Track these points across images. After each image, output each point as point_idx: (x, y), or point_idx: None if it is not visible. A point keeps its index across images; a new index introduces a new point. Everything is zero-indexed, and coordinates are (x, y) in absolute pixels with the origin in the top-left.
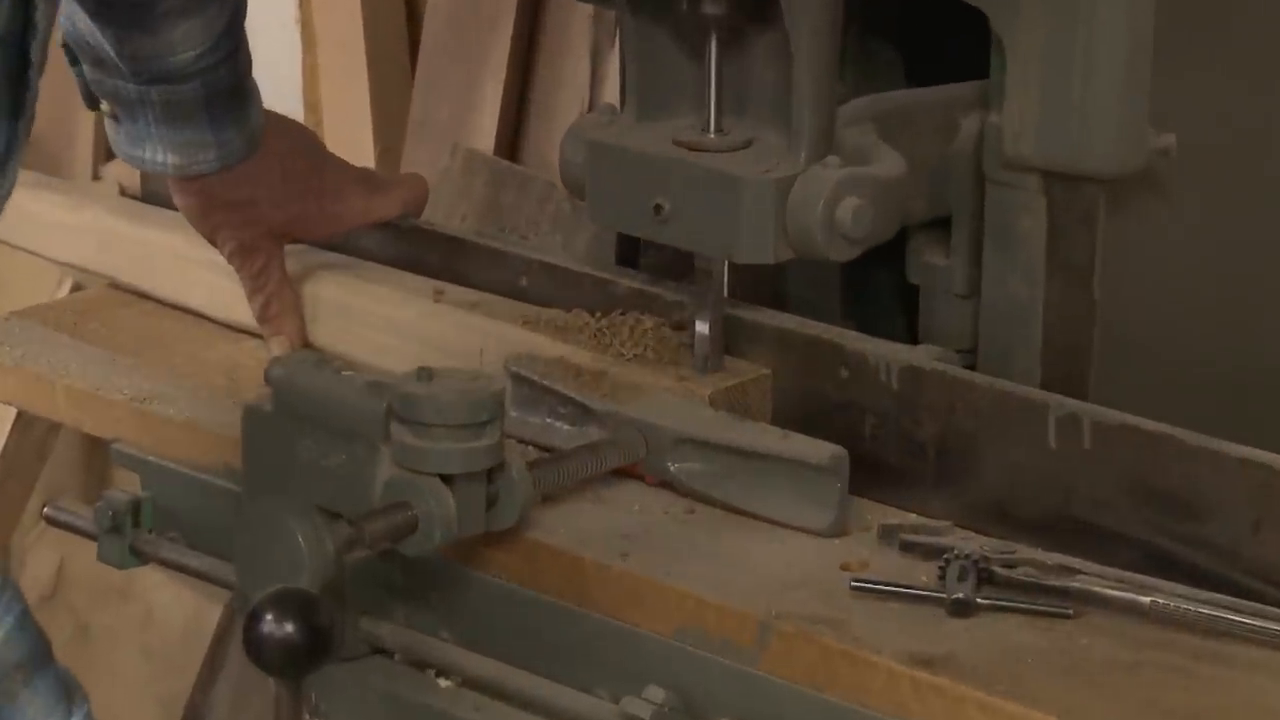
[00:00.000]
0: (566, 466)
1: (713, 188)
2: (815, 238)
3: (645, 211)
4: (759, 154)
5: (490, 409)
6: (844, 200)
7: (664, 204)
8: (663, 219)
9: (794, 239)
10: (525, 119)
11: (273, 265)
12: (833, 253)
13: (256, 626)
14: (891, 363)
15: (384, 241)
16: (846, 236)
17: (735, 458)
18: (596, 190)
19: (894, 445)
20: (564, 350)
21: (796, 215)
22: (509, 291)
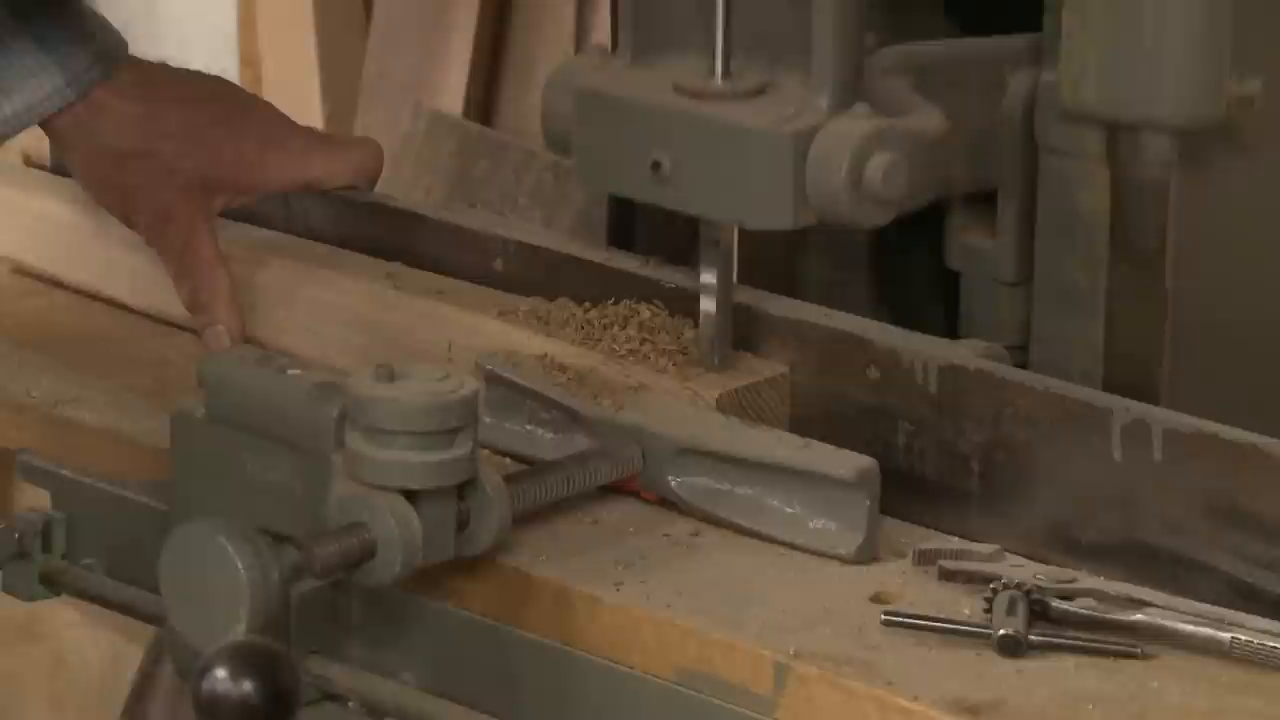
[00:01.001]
0: (550, 481)
1: (720, 142)
2: (840, 199)
3: (642, 170)
4: (774, 102)
5: (460, 414)
6: (874, 156)
7: (663, 161)
8: (662, 179)
9: (816, 201)
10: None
11: (199, 241)
12: (860, 217)
13: (209, 684)
14: (929, 361)
15: (333, 218)
16: (876, 198)
17: (747, 471)
18: (585, 146)
19: (932, 457)
20: (547, 345)
21: (818, 173)
22: (481, 276)
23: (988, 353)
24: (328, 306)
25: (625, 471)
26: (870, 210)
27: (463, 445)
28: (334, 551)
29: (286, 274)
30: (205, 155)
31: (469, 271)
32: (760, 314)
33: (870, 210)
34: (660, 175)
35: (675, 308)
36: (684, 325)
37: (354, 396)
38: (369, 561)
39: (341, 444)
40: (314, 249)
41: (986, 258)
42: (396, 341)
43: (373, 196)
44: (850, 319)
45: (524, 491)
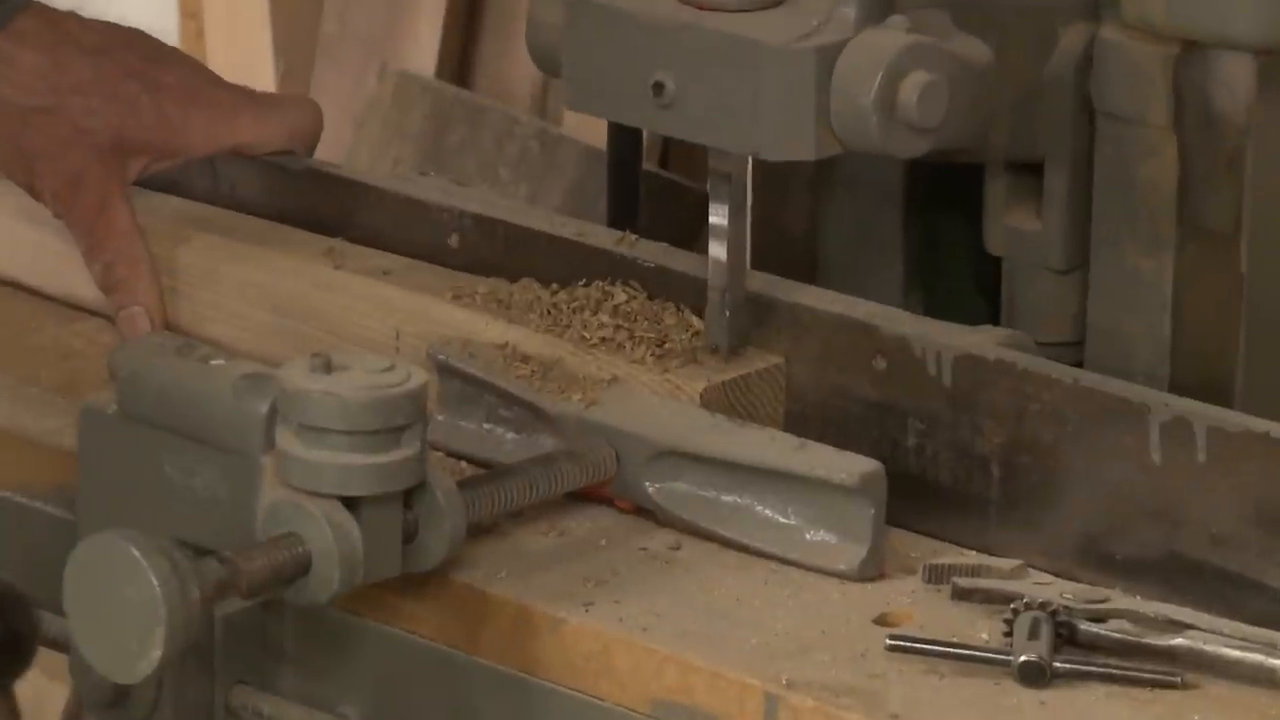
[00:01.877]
0: (511, 487)
1: (731, 59)
2: (869, 124)
3: (641, 93)
4: (793, 13)
5: (408, 410)
6: (911, 74)
7: (666, 82)
8: (665, 102)
9: (841, 127)
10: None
11: (113, 211)
12: (893, 145)
13: None
14: (943, 350)
15: (266, 187)
16: (911, 124)
17: (736, 476)
18: (575, 63)
19: (946, 460)
20: (507, 332)
21: (845, 93)
22: (434, 254)
23: (1009, 341)
24: (258, 288)
25: (596, 476)
26: (904, 138)
27: (410, 446)
28: (263, 566)
29: (212, 251)
30: (120, 113)
31: (420, 248)
32: (751, 297)
33: (904, 138)
34: (662, 98)
35: (655, 290)
36: (664, 310)
37: (286, 390)
38: (303, 578)
39: (272, 444)
40: (243, 222)
41: (1032, 241)
42: (336, 328)
43: (311, 163)
44: (854, 303)
45: (480, 499)
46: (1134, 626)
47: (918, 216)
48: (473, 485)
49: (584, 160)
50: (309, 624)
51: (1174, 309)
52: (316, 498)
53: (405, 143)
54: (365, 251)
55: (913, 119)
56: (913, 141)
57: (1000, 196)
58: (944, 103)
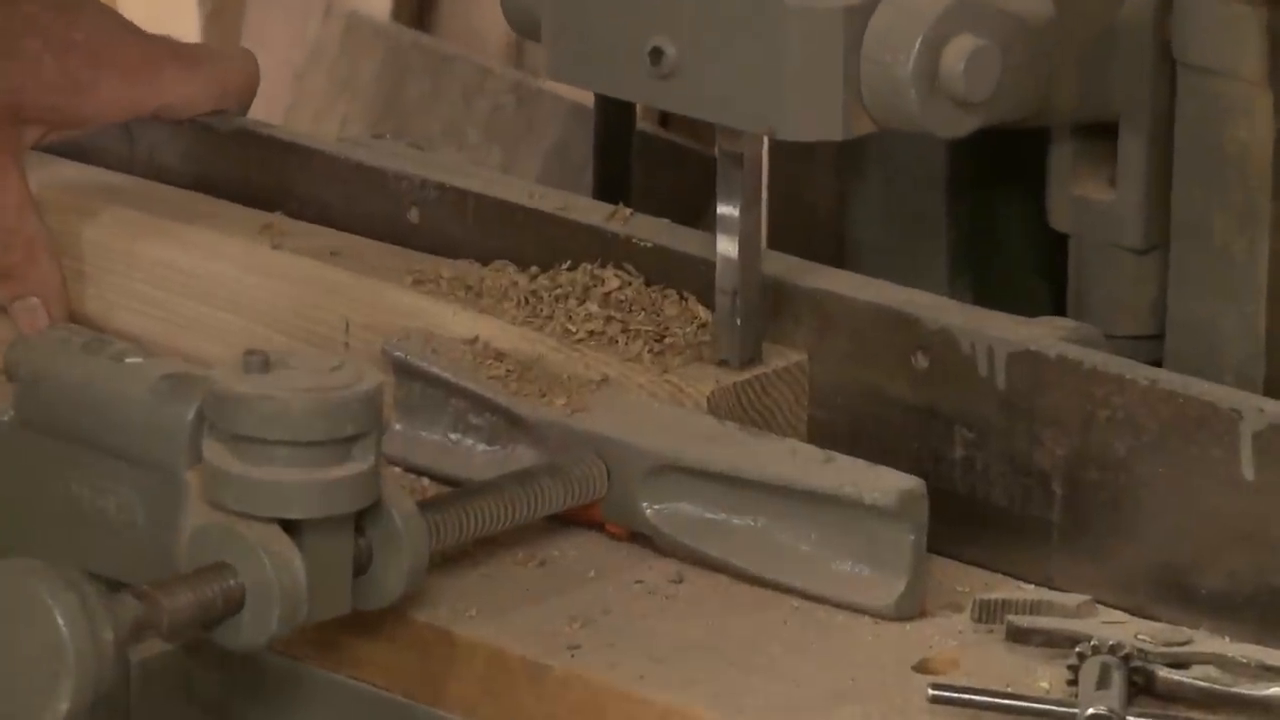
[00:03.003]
0: (481, 509)
1: (744, 20)
2: (907, 98)
3: (637, 60)
4: None
5: (360, 418)
6: (955, 39)
7: (665, 47)
8: (664, 72)
9: (874, 101)
10: None
11: (5, 184)
12: (934, 122)
13: None
14: (995, 345)
15: (191, 153)
16: (957, 97)
17: (749, 495)
18: (557, 26)
19: (1000, 476)
20: (478, 324)
21: (879, 62)
22: (391, 231)
23: (1075, 334)
24: (181, 272)
25: (584, 495)
26: (948, 114)
27: (362, 460)
28: (188, 603)
29: (124, 227)
30: (17, 74)
31: (374, 224)
32: (770, 282)
33: (948, 114)
34: (661, 67)
35: (653, 275)
36: (664, 298)
37: (215, 394)
38: (235, 616)
39: (198, 458)
40: (162, 194)
41: (1104, 215)
42: (274, 319)
43: (244, 123)
44: (889, 289)
45: (446, 522)
46: (1222, 673)
47: (966, 186)
48: (437, 507)
49: (568, 119)
50: (242, 671)
51: (1270, 296)
52: (251, 521)
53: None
54: (308, 228)
55: (958, 92)
56: (958, 118)
57: (1066, 163)
58: (995, 72)
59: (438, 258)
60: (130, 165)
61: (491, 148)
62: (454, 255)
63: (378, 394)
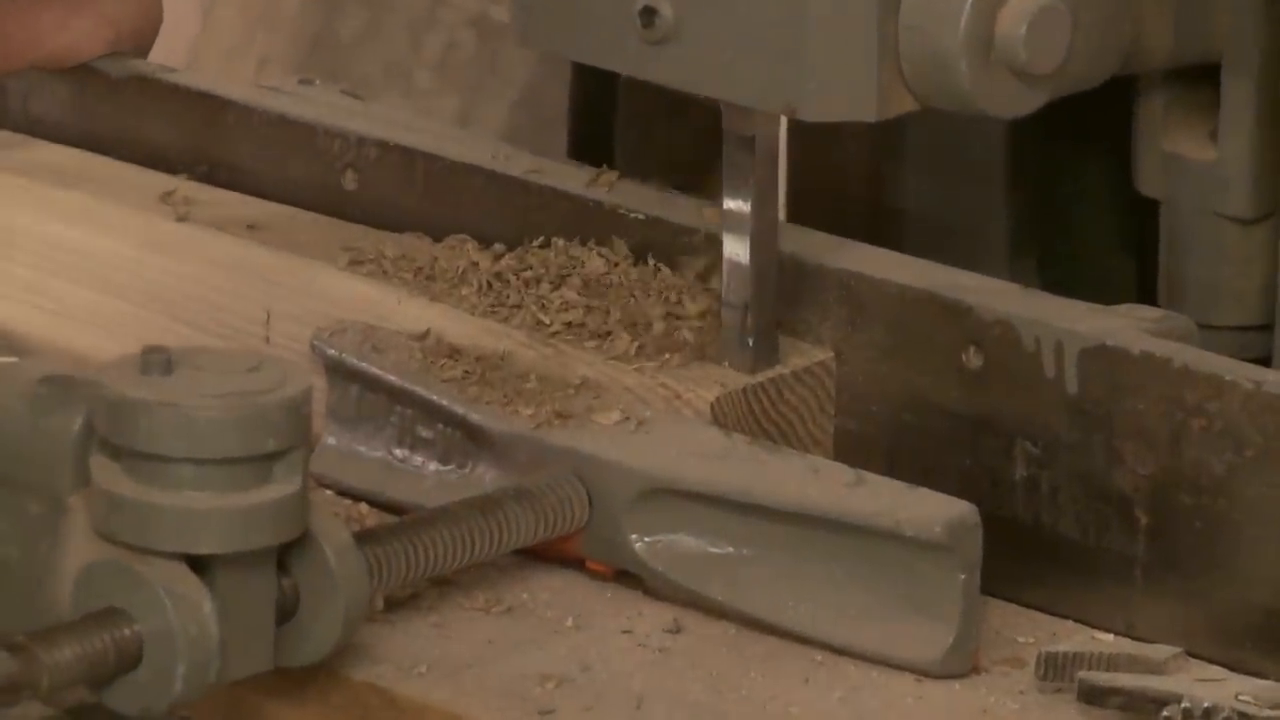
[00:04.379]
0: (433, 543)
1: None
2: (956, 71)
3: (625, 24)
4: None
5: (283, 430)
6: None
7: (660, 7)
8: (657, 36)
9: (915, 76)
10: None
11: None
12: (990, 101)
13: None
14: (1065, 340)
15: (76, 106)
16: (1017, 68)
17: (763, 526)
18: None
19: (1071, 500)
20: (429, 314)
21: (921, 29)
22: (321, 200)
23: (1163, 326)
24: (63, 250)
25: (559, 525)
26: (1006, 91)
27: (286, 481)
28: (72, 657)
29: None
30: None
31: (301, 191)
32: (792, 263)
33: (1006, 91)
34: (654, 31)
35: (645, 254)
36: (657, 282)
37: (106, 400)
38: (130, 674)
39: (86, 480)
40: (42, 156)
41: (1204, 177)
42: (178, 307)
43: (141, 68)
44: (936, 270)
45: (390, 558)
46: None
47: (1032, 142)
48: (379, 539)
49: (540, 61)
50: None
51: None
52: (151, 557)
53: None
54: (221, 196)
55: (1019, 62)
56: (1020, 94)
57: (1157, 115)
58: (1064, 36)
59: (380, 232)
60: (4, 121)
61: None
62: (400, 229)
63: (305, 400)
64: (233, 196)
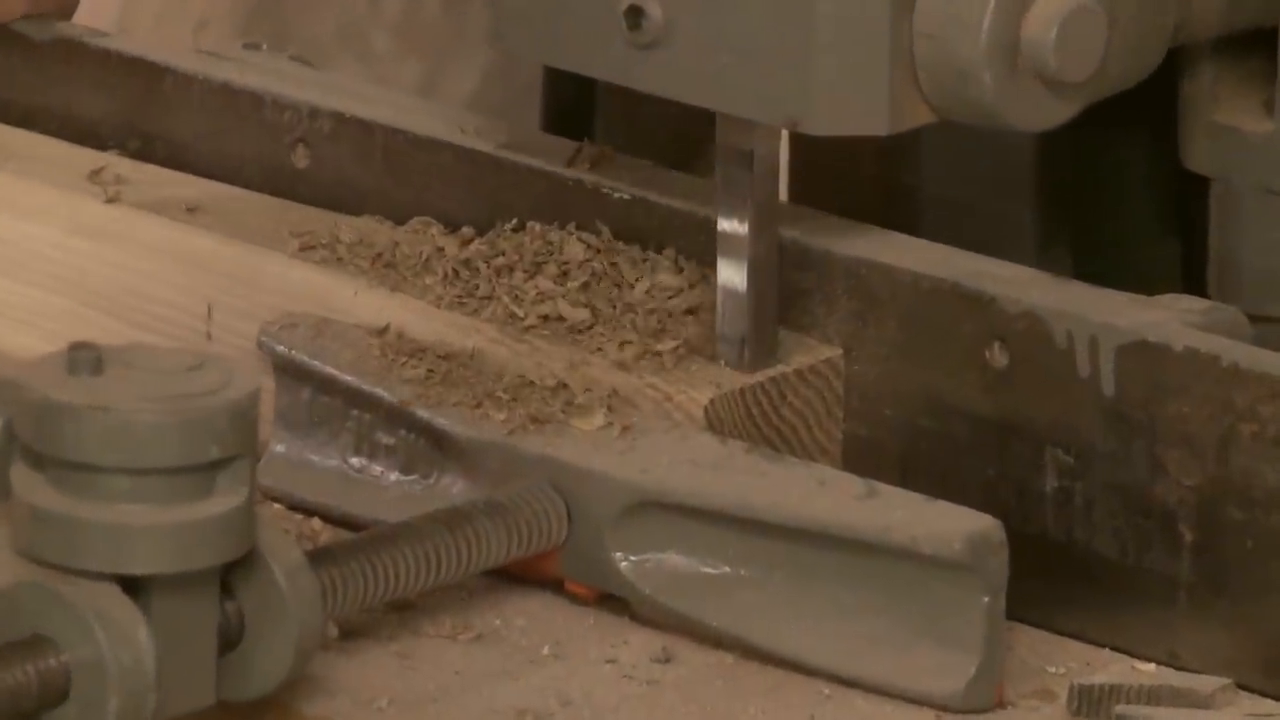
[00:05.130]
0: (395, 563)
1: None
2: (979, 82)
3: (610, 25)
4: None
5: (227, 437)
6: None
7: (648, 7)
8: (646, 39)
9: (935, 86)
10: None
11: None
12: (1016, 112)
13: None
14: (1101, 335)
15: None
16: (1048, 78)
17: (762, 543)
18: None
19: (1107, 515)
20: (389, 307)
21: (939, 38)
22: (269, 179)
23: (1210, 318)
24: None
25: (535, 543)
26: (1035, 101)
27: (231, 494)
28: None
29: None
30: None
31: (246, 169)
32: (795, 249)
33: (1035, 101)
34: (643, 34)
35: (632, 238)
36: (645, 271)
37: (30, 404)
38: (58, 709)
39: (6, 491)
40: None
41: (1259, 152)
42: (110, 299)
43: (66, 32)
44: (957, 258)
45: (346, 580)
46: None
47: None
48: (334, 559)
49: None
50: None
51: None
52: (80, 579)
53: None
54: (157, 174)
55: (1049, 70)
56: (1050, 106)
57: (1206, 85)
58: (1100, 40)
59: (334, 214)
60: None
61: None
62: (356, 211)
63: (252, 403)
64: (169, 175)
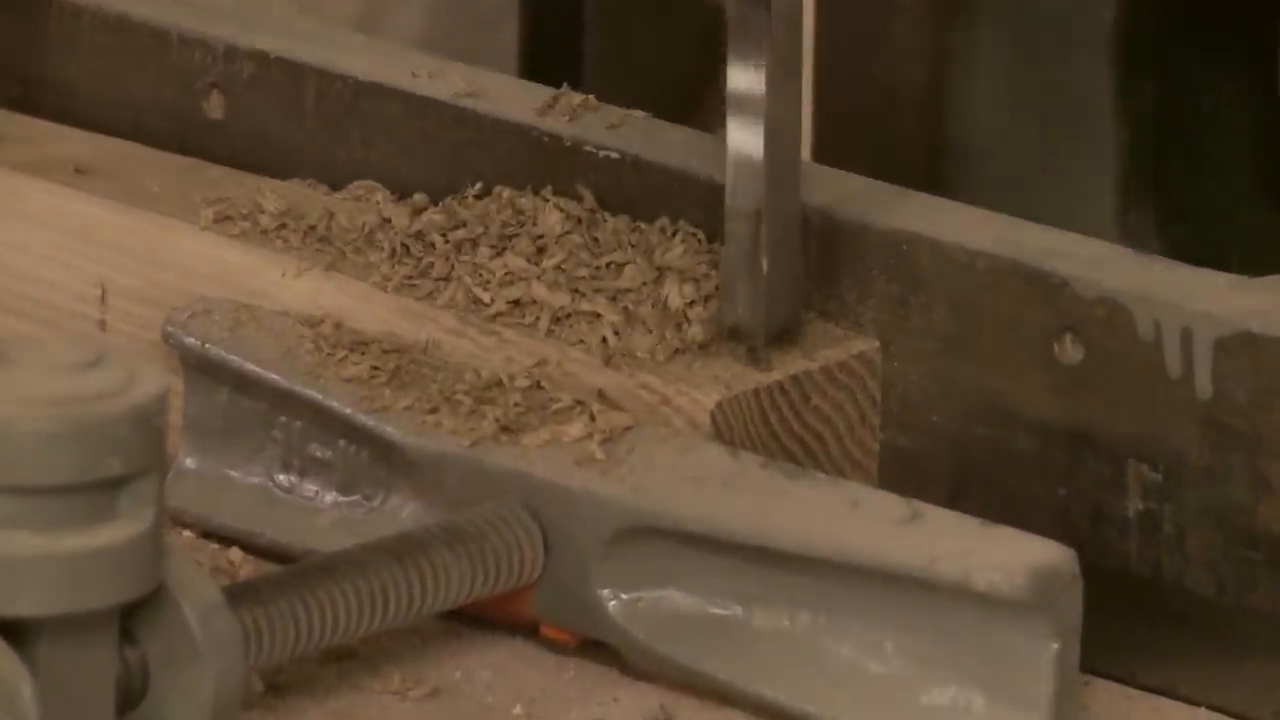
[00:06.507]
0: (332, 602)
1: None
2: None
3: None
4: None
5: (129, 448)
6: None
7: None
8: None
9: None
10: None
11: None
12: None
13: None
14: (1195, 324)
15: None
16: None
17: (781, 577)
18: None
19: (1203, 545)
20: (324, 290)
21: None
22: (176, 133)
23: None
24: None
25: (504, 579)
26: None
27: (133, 518)
28: None
29: None
30: None
31: (149, 121)
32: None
33: None
34: None
35: (621, 205)
36: (639, 244)
37: None
38: None
39: None
40: None
41: None
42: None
43: None
44: (1020, 230)
45: (274, 623)
46: None
47: (1148, 50)
48: (258, 597)
49: None
50: None
51: None
52: None
53: None
54: (39, 129)
55: None
56: None
57: None
58: None
59: (256, 177)
60: None
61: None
62: (284, 174)
63: (158, 409)
64: (54, 129)
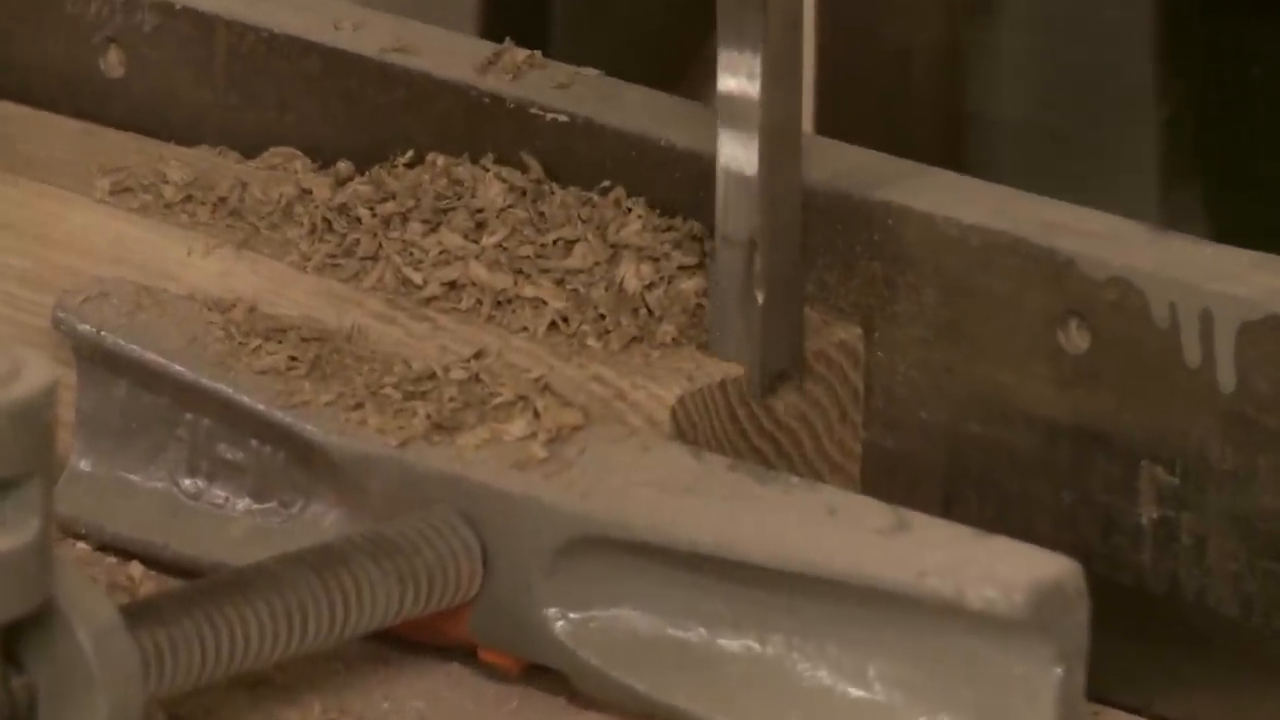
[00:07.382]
0: (244, 623)
1: None
2: None
3: None
4: None
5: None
6: None
7: None
8: None
9: None
10: None
11: None
12: None
13: None
14: (1217, 308)
15: None
16: None
17: (750, 595)
18: None
19: (1226, 558)
20: (238, 272)
21: None
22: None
23: None
24: None
25: (438, 596)
26: None
27: (17, 528)
28: None
29: None
30: None
31: (37, 80)
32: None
33: None
34: None
35: (572, 176)
36: (592, 219)
37: None
38: None
39: None
40: None
41: None
42: None
43: None
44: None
45: (177, 645)
46: None
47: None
48: (159, 616)
49: None
50: None
51: None
52: None
53: None
54: None
55: None
56: None
57: None
58: None
59: (159, 143)
60: None
61: None
62: (191, 140)
63: (46, 404)
64: None
